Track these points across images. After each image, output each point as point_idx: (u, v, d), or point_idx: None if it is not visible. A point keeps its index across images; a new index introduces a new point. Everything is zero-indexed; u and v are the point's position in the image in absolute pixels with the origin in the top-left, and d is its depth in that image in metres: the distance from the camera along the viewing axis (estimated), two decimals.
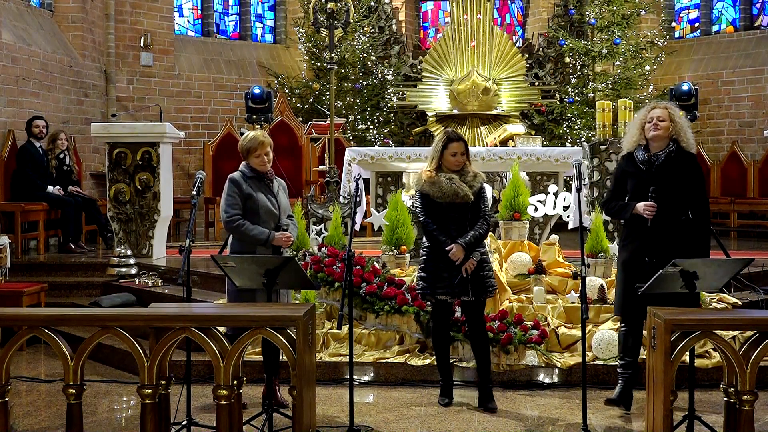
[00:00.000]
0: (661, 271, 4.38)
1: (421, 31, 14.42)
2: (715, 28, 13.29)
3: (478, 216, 5.22)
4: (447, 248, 5.10)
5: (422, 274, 5.28)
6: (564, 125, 12.32)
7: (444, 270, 5.16)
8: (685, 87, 7.50)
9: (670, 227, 4.96)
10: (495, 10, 13.34)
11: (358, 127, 12.39)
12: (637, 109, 11.46)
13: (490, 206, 7.25)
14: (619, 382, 5.23)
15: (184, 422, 4.57)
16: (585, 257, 4.82)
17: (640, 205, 4.97)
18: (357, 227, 7.09)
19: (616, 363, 5.39)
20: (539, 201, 7.32)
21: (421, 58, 13.02)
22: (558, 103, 12.52)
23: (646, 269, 4.92)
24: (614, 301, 5.42)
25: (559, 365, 5.80)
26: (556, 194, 7.39)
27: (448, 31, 12.72)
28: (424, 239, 5.31)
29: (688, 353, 4.32)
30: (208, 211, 11.04)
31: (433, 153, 5.28)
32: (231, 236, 5.19)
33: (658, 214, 4.93)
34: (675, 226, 4.97)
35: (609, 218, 6.03)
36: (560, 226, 7.80)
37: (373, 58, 12.80)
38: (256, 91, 8.01)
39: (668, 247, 4.91)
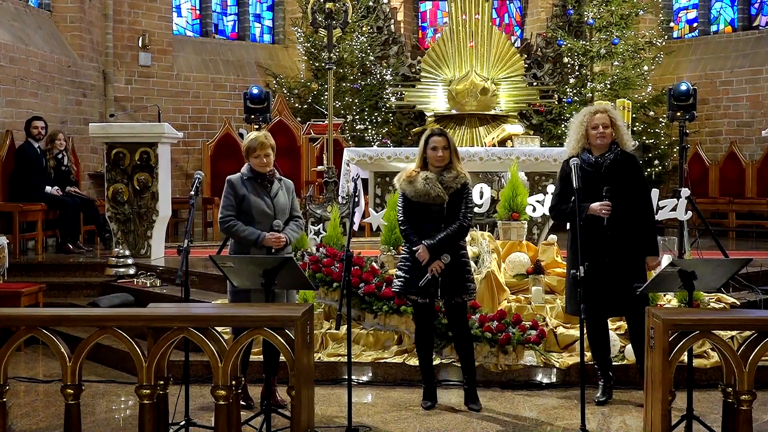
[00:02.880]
0: (660, 270, 4.39)
1: (420, 31, 14.41)
2: (714, 28, 13.30)
3: (455, 217, 5.10)
4: (413, 248, 5.08)
5: (398, 272, 5.27)
6: (562, 125, 12.30)
7: (417, 270, 5.11)
8: (683, 87, 7.47)
9: (622, 226, 5.10)
10: (493, 10, 13.34)
11: (357, 127, 12.39)
12: (636, 109, 11.60)
13: (485, 207, 7.26)
14: (600, 381, 5.37)
15: (183, 422, 4.57)
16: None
17: (596, 205, 5.07)
18: (355, 227, 7.08)
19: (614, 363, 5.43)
20: (537, 201, 7.31)
21: (419, 58, 13.02)
22: (556, 103, 12.52)
23: (604, 269, 5.05)
24: (575, 303, 5.34)
25: (557, 365, 5.80)
26: None
27: (447, 32, 12.72)
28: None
29: (686, 353, 4.32)
30: (207, 211, 11.04)
31: (419, 150, 5.23)
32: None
33: (611, 214, 5.05)
34: (627, 225, 5.11)
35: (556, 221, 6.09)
36: (558, 226, 7.75)
37: (372, 58, 12.80)
38: (255, 91, 7.97)
39: (622, 246, 5.09)
